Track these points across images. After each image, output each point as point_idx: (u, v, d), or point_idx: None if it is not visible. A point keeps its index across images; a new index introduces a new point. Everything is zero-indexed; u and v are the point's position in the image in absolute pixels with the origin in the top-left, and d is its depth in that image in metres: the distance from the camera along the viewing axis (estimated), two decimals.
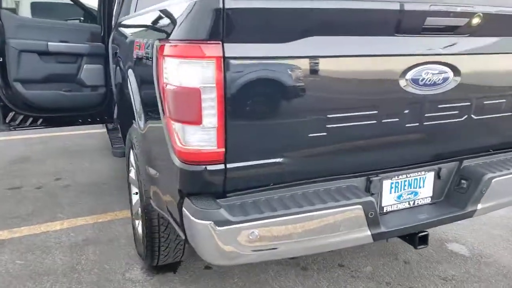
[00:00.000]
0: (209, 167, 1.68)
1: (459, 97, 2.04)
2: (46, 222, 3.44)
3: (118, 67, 3.03)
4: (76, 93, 4.25)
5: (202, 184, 1.73)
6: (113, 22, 4.19)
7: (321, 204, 1.77)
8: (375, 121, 1.89)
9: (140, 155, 2.45)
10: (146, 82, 2.06)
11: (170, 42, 1.70)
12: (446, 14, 1.81)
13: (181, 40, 1.64)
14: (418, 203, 2.21)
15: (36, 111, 4.14)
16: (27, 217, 3.54)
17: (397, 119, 1.94)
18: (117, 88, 3.21)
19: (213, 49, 1.55)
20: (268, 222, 1.68)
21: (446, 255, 3.06)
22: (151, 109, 2.01)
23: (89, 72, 4.25)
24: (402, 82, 1.88)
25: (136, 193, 3.11)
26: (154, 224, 2.46)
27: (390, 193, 2.12)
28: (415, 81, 1.90)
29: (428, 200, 2.24)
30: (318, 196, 1.85)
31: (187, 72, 1.59)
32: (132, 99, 2.32)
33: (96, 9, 4.87)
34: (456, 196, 2.22)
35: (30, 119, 4.18)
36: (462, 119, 2.10)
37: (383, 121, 1.91)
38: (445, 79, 1.96)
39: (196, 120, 1.61)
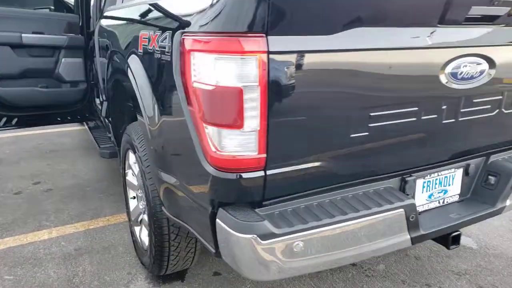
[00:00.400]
0: (248, 175, 1.52)
1: (493, 91, 1.97)
2: (32, 232, 3.16)
3: (111, 62, 2.77)
4: (54, 90, 3.93)
5: (239, 193, 1.57)
6: (91, 12, 3.91)
7: (366, 210, 1.65)
8: (414, 118, 1.78)
9: (147, 158, 2.24)
10: (160, 79, 1.86)
11: (199, 35, 1.51)
12: (491, 2, 1.71)
13: (216, 33, 1.44)
14: (447, 202, 2.14)
15: (10, 109, 3.80)
16: (9, 226, 3.23)
17: (435, 115, 1.84)
18: (108, 84, 2.95)
19: (257, 43, 1.37)
20: (314, 232, 1.54)
21: (455, 249, 3.03)
22: (168, 109, 1.81)
23: (68, 66, 3.94)
24: (442, 76, 1.77)
25: (134, 198, 2.90)
26: (164, 232, 2.27)
27: (422, 192, 2.03)
28: (453, 74, 1.80)
29: (456, 198, 2.17)
30: (358, 200, 1.73)
31: (226, 70, 1.41)
32: (139, 98, 2.09)
33: None
34: (484, 193, 2.16)
35: (4, 119, 3.83)
36: (494, 113, 2.04)
37: (422, 118, 1.80)
38: (481, 72, 1.88)
39: (236, 124, 1.44)
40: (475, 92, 1.90)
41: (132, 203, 2.90)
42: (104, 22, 3.10)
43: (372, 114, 1.66)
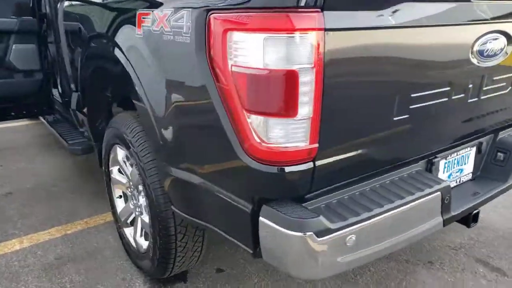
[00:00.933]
0: (297, 167, 1.38)
1: (509, 68, 1.96)
2: None
3: (88, 48, 2.46)
4: (5, 81, 3.48)
5: (285, 188, 1.43)
6: None
7: (410, 196, 1.58)
8: (447, 99, 1.73)
9: (147, 153, 2.01)
10: (175, 63, 1.65)
11: (237, 12, 1.32)
12: None
13: (262, 8, 1.27)
14: (462, 180, 2.14)
15: None
16: None
17: (463, 95, 1.81)
18: (82, 73, 2.63)
19: (313, 19, 1.22)
20: (366, 224, 1.44)
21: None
22: (187, 96, 1.62)
23: (20, 53, 3.49)
24: (471, 53, 1.73)
25: (120, 197, 2.66)
26: (170, 232, 2.08)
27: (443, 173, 2.01)
28: (480, 52, 1.76)
29: (470, 176, 2.18)
30: (398, 186, 1.66)
31: (277, 51, 1.24)
32: (138, 85, 1.85)
33: None
34: (494, 170, 2.19)
35: None
36: (507, 90, 2.04)
37: (453, 97, 1.76)
38: (501, 49, 1.86)
39: (288, 111, 1.28)
40: (495, 70, 1.89)
41: (119, 203, 2.65)
42: (70, 3, 2.75)
43: (413, 95, 1.58)
